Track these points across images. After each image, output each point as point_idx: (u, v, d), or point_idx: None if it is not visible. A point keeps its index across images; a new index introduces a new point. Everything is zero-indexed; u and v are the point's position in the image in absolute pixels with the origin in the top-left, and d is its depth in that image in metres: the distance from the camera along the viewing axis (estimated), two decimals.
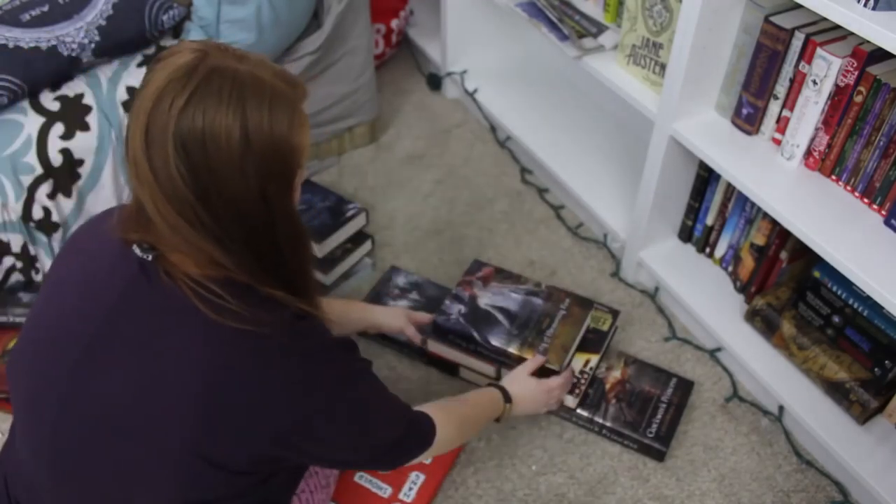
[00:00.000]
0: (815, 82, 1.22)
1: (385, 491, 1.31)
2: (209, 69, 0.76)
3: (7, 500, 0.95)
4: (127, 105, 1.56)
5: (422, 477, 1.33)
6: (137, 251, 0.84)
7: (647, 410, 1.43)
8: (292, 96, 0.81)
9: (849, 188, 1.27)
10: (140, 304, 0.83)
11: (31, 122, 1.47)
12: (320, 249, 1.61)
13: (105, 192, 1.58)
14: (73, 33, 1.51)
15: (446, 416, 1.10)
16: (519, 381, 1.30)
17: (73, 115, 1.51)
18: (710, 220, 1.58)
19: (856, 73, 1.17)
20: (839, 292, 1.33)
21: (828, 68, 1.19)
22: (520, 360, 1.39)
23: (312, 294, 0.91)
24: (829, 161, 1.28)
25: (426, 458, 1.09)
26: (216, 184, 0.77)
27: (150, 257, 0.83)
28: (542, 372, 1.34)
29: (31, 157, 1.46)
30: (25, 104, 1.50)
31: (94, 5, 1.54)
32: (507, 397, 1.26)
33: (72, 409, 0.84)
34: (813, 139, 1.28)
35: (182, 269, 0.82)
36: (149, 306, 0.83)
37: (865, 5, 1.02)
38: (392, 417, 0.99)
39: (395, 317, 1.42)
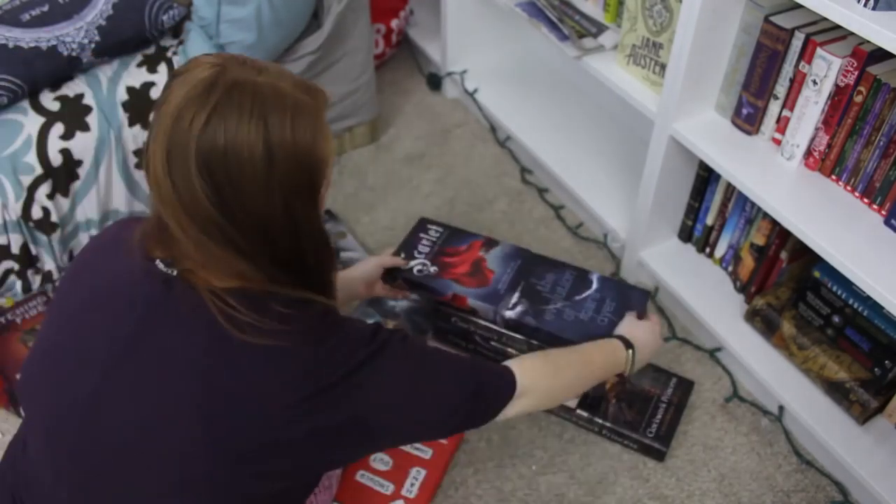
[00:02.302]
0: (815, 82, 1.22)
1: (387, 488, 1.31)
2: (229, 83, 0.75)
3: None
4: (127, 105, 1.56)
5: (423, 472, 1.33)
6: (161, 266, 0.83)
7: (647, 410, 1.43)
8: (314, 106, 0.80)
9: (849, 188, 1.27)
10: (165, 322, 0.82)
11: (31, 122, 1.47)
12: None
13: (102, 192, 1.58)
14: (73, 33, 1.51)
15: (536, 364, 1.05)
16: (631, 326, 1.24)
17: (73, 115, 1.51)
18: (710, 220, 1.58)
19: (856, 73, 1.17)
20: (839, 292, 1.33)
21: (828, 68, 1.19)
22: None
23: (333, 293, 0.91)
24: (829, 161, 1.28)
25: (520, 410, 1.03)
26: (240, 200, 0.76)
27: (174, 272, 0.82)
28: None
29: (31, 157, 1.46)
30: (25, 104, 1.50)
31: (94, 5, 1.54)
32: (627, 343, 1.19)
33: (93, 435, 0.83)
34: (813, 139, 1.28)
35: (206, 284, 0.81)
36: (174, 323, 0.82)
37: (865, 5, 1.02)
38: (452, 390, 0.95)
39: (370, 286, 1.39)
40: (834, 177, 1.29)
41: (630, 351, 1.19)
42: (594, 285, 1.41)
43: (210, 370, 0.79)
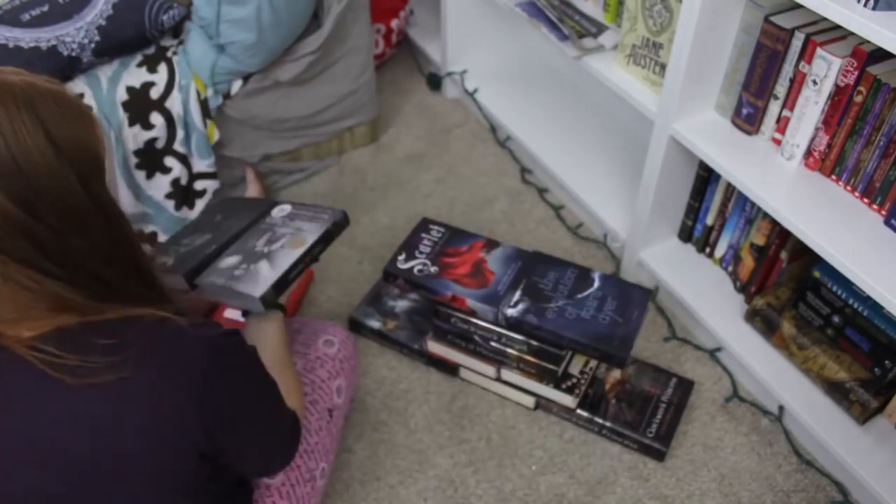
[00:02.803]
0: (815, 82, 1.22)
1: None
2: None
3: None
4: (127, 105, 1.56)
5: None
6: None
7: (647, 410, 1.43)
8: (62, 89, 0.79)
9: (849, 188, 1.27)
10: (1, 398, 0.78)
11: None
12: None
13: None
14: (73, 33, 1.51)
15: (293, 390, 1.07)
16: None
17: None
18: (710, 220, 1.58)
19: (856, 73, 1.17)
20: (839, 292, 1.33)
21: (828, 68, 1.19)
22: (519, 359, 1.39)
23: (164, 295, 0.88)
24: (829, 161, 1.28)
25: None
26: (44, 197, 0.74)
27: None
28: None
29: None
30: None
31: (94, 5, 1.54)
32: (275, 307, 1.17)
33: None
34: (813, 139, 1.28)
35: (19, 340, 0.76)
36: (7, 396, 0.77)
37: (865, 5, 1.02)
38: (281, 409, 0.95)
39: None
40: (834, 177, 1.29)
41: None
42: (596, 283, 1.41)
43: (63, 430, 0.77)
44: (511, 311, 1.33)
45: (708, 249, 1.63)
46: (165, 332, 0.81)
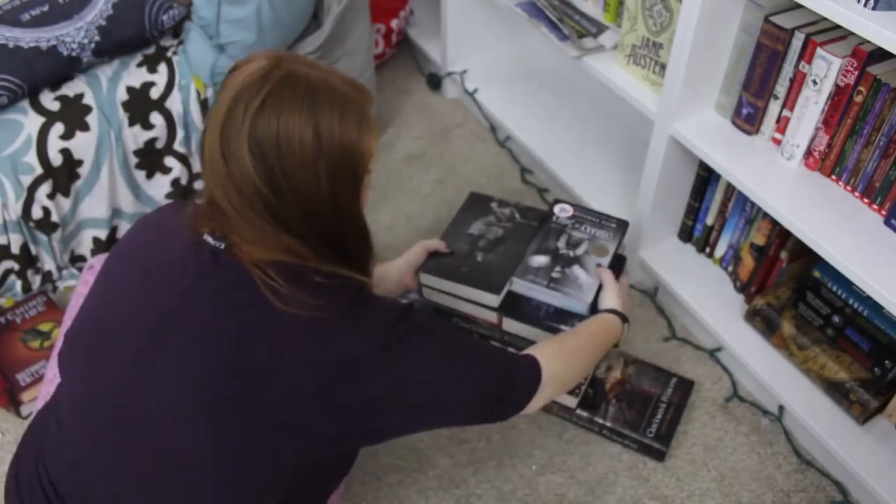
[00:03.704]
0: (815, 82, 1.22)
1: None
2: (283, 74, 0.80)
3: (43, 491, 0.94)
4: (127, 105, 1.56)
5: None
6: (210, 240, 0.87)
7: (647, 410, 1.43)
8: (361, 102, 0.84)
9: (849, 188, 1.27)
10: (209, 293, 0.85)
11: (31, 122, 1.47)
12: None
13: (103, 192, 1.58)
14: (73, 33, 1.51)
15: (554, 351, 1.06)
16: (613, 296, 1.25)
17: (73, 115, 1.51)
18: (710, 220, 1.58)
19: (856, 72, 1.17)
20: (839, 292, 1.33)
21: (828, 68, 1.19)
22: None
23: (369, 273, 0.94)
24: (829, 161, 1.28)
25: (543, 401, 1.03)
26: (289, 183, 0.80)
27: (222, 246, 0.86)
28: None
29: (31, 157, 1.46)
30: (25, 104, 1.50)
31: (94, 5, 1.54)
32: (623, 317, 1.22)
33: (129, 407, 0.86)
34: (813, 139, 1.28)
35: (251, 257, 0.85)
36: (218, 295, 0.85)
37: (865, 5, 1.02)
38: (483, 373, 0.95)
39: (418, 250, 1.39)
40: (834, 177, 1.29)
41: (626, 324, 1.22)
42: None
43: (250, 340, 0.82)
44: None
45: (708, 249, 1.63)
46: (364, 295, 0.89)
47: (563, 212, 1.42)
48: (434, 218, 1.87)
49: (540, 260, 1.33)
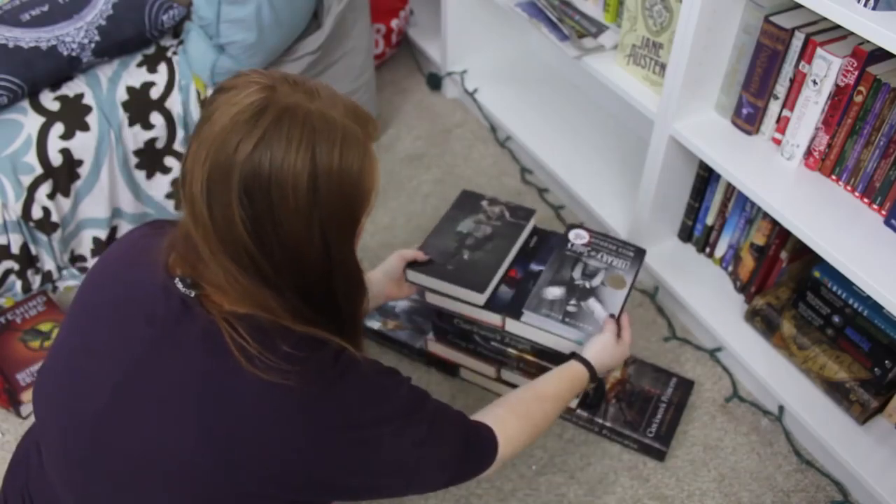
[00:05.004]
0: (815, 82, 1.22)
1: None
2: (280, 110, 0.73)
3: None
4: (127, 105, 1.56)
5: None
6: (180, 286, 0.81)
7: (647, 410, 1.43)
8: (363, 136, 0.78)
9: (849, 188, 1.27)
10: (175, 345, 0.80)
11: (31, 122, 1.48)
12: None
13: (103, 192, 1.58)
14: (73, 33, 1.51)
15: (513, 422, 1.02)
16: (599, 349, 1.21)
17: (73, 115, 1.51)
18: (710, 220, 1.58)
19: (856, 72, 1.17)
20: (839, 292, 1.33)
21: (828, 68, 1.19)
22: (520, 359, 1.39)
23: (359, 339, 0.87)
24: (829, 161, 1.28)
25: (497, 468, 1.00)
26: (277, 232, 0.74)
27: (193, 294, 0.80)
28: None
29: (31, 157, 1.46)
30: (25, 104, 1.50)
31: (94, 5, 1.54)
32: (588, 366, 1.17)
33: (104, 450, 0.82)
34: (813, 139, 1.28)
35: (222, 308, 0.79)
36: (184, 347, 0.80)
37: (865, 5, 1.02)
38: (446, 453, 0.92)
39: (398, 284, 1.35)
40: (834, 177, 1.29)
41: (592, 384, 1.20)
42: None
43: (214, 401, 0.78)
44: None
45: (708, 249, 1.63)
46: (342, 363, 0.81)
47: (578, 238, 1.38)
48: (434, 218, 1.87)
49: (555, 292, 1.30)
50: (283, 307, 0.79)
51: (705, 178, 1.53)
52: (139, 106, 1.57)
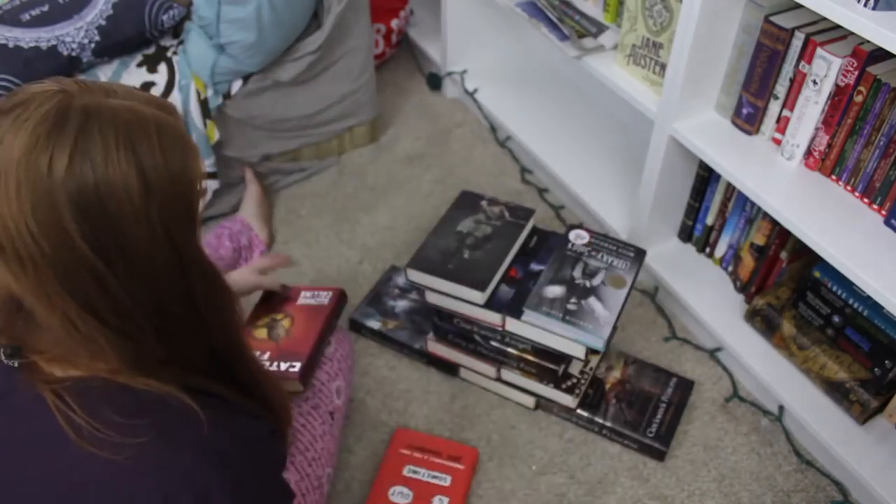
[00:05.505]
0: (815, 82, 1.22)
1: None
2: (82, 112, 0.65)
3: None
4: None
5: (446, 500, 1.31)
6: (2, 357, 0.73)
7: (647, 410, 1.43)
8: (175, 122, 0.71)
9: (849, 188, 1.27)
10: (3, 428, 0.73)
11: None
12: None
13: None
14: (73, 33, 1.51)
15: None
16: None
17: None
18: (710, 220, 1.58)
19: (856, 72, 1.17)
20: (839, 292, 1.33)
21: (828, 68, 1.19)
22: (520, 359, 1.39)
23: (259, 388, 0.80)
24: (829, 161, 1.28)
25: None
26: (120, 241, 0.66)
27: (15, 363, 0.72)
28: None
29: None
30: None
31: (94, 5, 1.54)
32: None
33: None
34: (813, 139, 1.28)
35: (49, 375, 0.71)
36: (11, 430, 0.72)
37: (865, 5, 1.02)
38: None
39: (250, 280, 1.32)
40: (834, 177, 1.29)
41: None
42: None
43: (49, 487, 0.70)
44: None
45: (708, 249, 1.63)
46: (191, 426, 0.71)
47: (578, 238, 1.40)
48: (434, 218, 1.87)
49: (555, 290, 1.32)
50: (128, 351, 0.71)
51: (705, 178, 1.53)
52: None
